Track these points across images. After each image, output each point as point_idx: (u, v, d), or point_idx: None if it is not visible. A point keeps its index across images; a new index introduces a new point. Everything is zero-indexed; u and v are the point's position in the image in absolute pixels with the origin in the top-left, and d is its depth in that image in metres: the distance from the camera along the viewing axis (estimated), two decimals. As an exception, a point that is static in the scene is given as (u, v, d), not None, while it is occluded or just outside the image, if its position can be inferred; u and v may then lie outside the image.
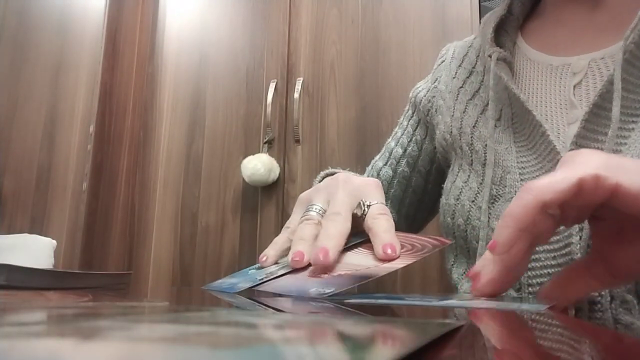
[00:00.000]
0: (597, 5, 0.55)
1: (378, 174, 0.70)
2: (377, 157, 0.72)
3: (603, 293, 0.43)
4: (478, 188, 0.54)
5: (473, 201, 0.54)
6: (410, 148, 0.68)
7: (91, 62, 1.51)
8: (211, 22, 1.54)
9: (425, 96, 0.67)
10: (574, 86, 0.52)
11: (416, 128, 0.68)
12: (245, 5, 1.50)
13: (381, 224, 0.41)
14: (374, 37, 1.33)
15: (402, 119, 0.72)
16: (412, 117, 0.69)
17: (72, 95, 1.52)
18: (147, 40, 1.61)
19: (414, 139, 0.68)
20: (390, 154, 0.70)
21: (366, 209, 0.43)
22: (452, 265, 0.59)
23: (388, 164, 0.69)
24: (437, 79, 0.66)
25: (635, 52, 0.46)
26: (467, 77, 0.61)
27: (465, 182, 0.56)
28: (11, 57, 1.61)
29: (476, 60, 0.62)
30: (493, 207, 0.52)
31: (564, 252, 0.46)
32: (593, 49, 0.52)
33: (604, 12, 0.54)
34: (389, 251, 0.38)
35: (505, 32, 0.60)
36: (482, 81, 0.59)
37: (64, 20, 1.59)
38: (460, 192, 0.56)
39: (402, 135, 0.69)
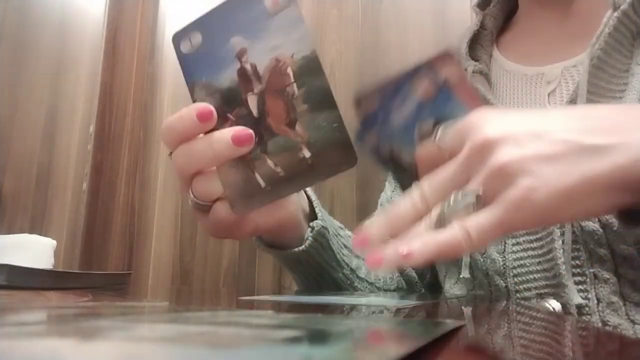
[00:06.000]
0: (568, 15, 0.57)
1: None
2: (383, 193, 0.70)
3: (590, 297, 0.44)
4: None
5: None
6: None
7: (91, 62, 1.51)
8: (211, 22, 1.54)
9: None
10: (549, 94, 0.54)
11: None
12: (246, 6, 1.50)
13: None
14: (374, 38, 1.33)
15: None
16: None
17: (72, 95, 1.52)
18: (147, 40, 1.61)
19: None
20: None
21: None
22: (445, 276, 0.59)
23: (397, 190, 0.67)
24: None
25: (602, 57, 0.48)
26: None
27: None
28: (11, 56, 1.61)
29: None
30: None
31: (548, 257, 0.46)
32: (566, 57, 0.54)
33: (575, 21, 0.56)
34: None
35: (480, 46, 0.62)
36: None
37: (64, 20, 1.59)
38: None
39: None
